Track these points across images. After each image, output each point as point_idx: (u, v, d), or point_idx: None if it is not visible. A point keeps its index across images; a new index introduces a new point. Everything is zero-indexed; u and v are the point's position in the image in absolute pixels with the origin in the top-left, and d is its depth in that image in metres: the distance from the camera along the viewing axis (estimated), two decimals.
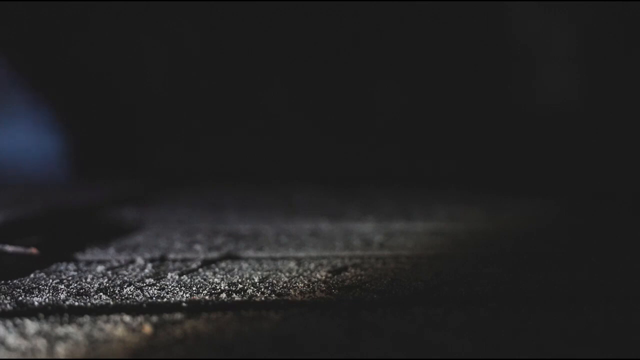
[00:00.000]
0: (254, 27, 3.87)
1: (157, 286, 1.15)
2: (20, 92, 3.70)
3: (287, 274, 1.25)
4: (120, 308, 1.01)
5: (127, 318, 0.95)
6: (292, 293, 1.11)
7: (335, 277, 1.23)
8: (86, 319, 0.94)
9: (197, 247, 1.57)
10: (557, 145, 3.63)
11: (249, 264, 1.36)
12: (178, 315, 0.96)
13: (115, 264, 1.35)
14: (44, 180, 3.52)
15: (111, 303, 1.04)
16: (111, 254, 1.46)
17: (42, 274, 1.25)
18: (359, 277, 1.23)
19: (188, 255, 1.47)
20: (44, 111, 3.79)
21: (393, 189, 3.10)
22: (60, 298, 1.06)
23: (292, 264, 1.35)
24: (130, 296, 1.08)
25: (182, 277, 1.23)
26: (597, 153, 3.50)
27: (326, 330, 0.90)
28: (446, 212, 2.25)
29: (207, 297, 1.08)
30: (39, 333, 0.87)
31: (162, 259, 1.41)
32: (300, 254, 1.48)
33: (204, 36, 3.91)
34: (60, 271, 1.28)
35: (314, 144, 3.88)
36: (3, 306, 1.01)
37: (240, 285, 1.16)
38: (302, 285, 1.17)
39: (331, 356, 0.80)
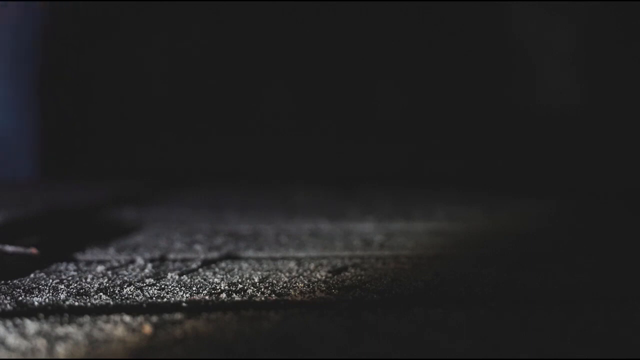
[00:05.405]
0: (254, 27, 3.87)
1: (157, 286, 1.15)
2: (20, 93, 3.69)
3: (287, 274, 1.25)
4: (120, 308, 1.01)
5: (127, 318, 0.95)
6: (292, 293, 1.11)
7: (335, 277, 1.23)
8: (86, 319, 0.94)
9: (197, 247, 1.57)
10: (557, 145, 3.63)
11: (249, 264, 1.36)
12: (178, 315, 0.96)
13: (115, 264, 1.35)
14: (43, 180, 3.52)
15: (111, 303, 1.04)
16: (111, 254, 1.46)
17: (42, 274, 1.25)
18: (359, 277, 1.23)
19: (188, 255, 1.47)
20: (44, 111, 3.79)
21: (393, 189, 3.10)
22: (60, 298, 1.06)
23: (292, 264, 1.35)
24: (130, 296, 1.08)
25: (182, 277, 1.23)
26: (597, 153, 3.50)
27: (326, 330, 0.90)
28: (446, 212, 2.25)
29: (207, 297, 1.08)
30: (39, 333, 0.87)
31: (162, 259, 1.41)
32: (300, 254, 1.48)
33: (204, 36, 3.91)
34: (60, 271, 1.28)
35: (314, 144, 3.88)
36: (3, 306, 1.01)
37: (240, 285, 1.16)
38: (302, 285, 1.16)
39: (331, 356, 0.80)
